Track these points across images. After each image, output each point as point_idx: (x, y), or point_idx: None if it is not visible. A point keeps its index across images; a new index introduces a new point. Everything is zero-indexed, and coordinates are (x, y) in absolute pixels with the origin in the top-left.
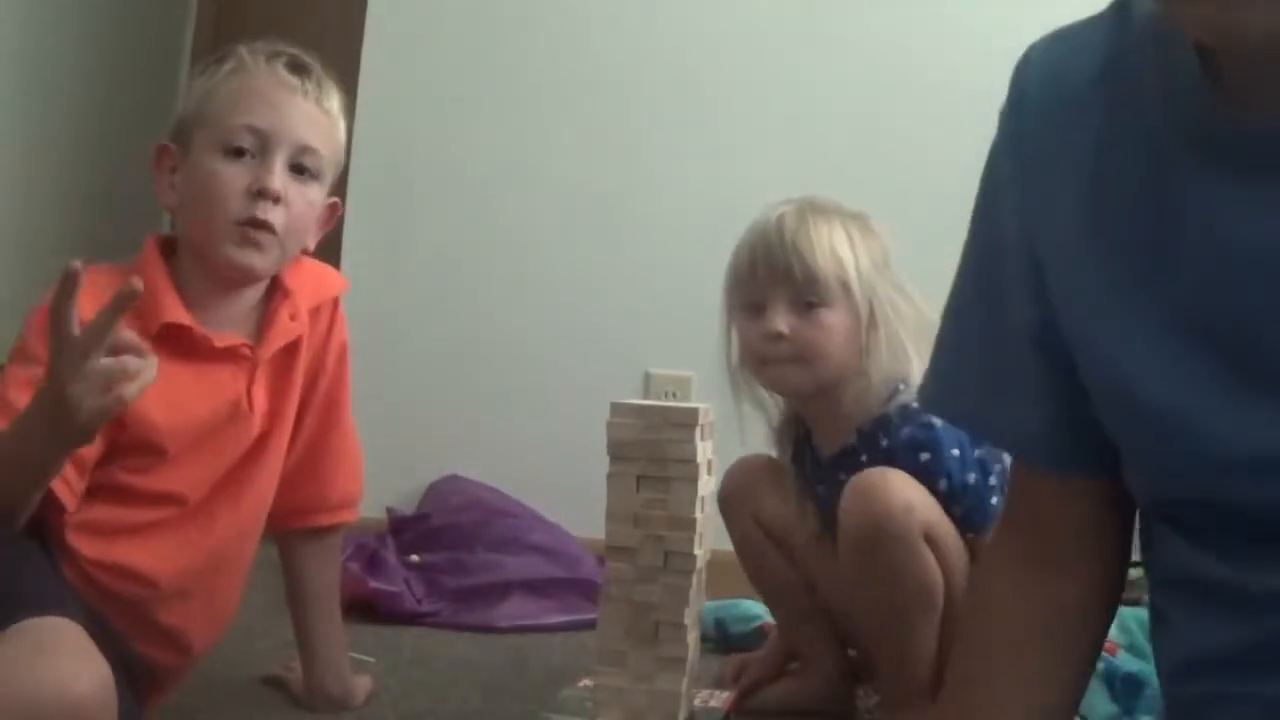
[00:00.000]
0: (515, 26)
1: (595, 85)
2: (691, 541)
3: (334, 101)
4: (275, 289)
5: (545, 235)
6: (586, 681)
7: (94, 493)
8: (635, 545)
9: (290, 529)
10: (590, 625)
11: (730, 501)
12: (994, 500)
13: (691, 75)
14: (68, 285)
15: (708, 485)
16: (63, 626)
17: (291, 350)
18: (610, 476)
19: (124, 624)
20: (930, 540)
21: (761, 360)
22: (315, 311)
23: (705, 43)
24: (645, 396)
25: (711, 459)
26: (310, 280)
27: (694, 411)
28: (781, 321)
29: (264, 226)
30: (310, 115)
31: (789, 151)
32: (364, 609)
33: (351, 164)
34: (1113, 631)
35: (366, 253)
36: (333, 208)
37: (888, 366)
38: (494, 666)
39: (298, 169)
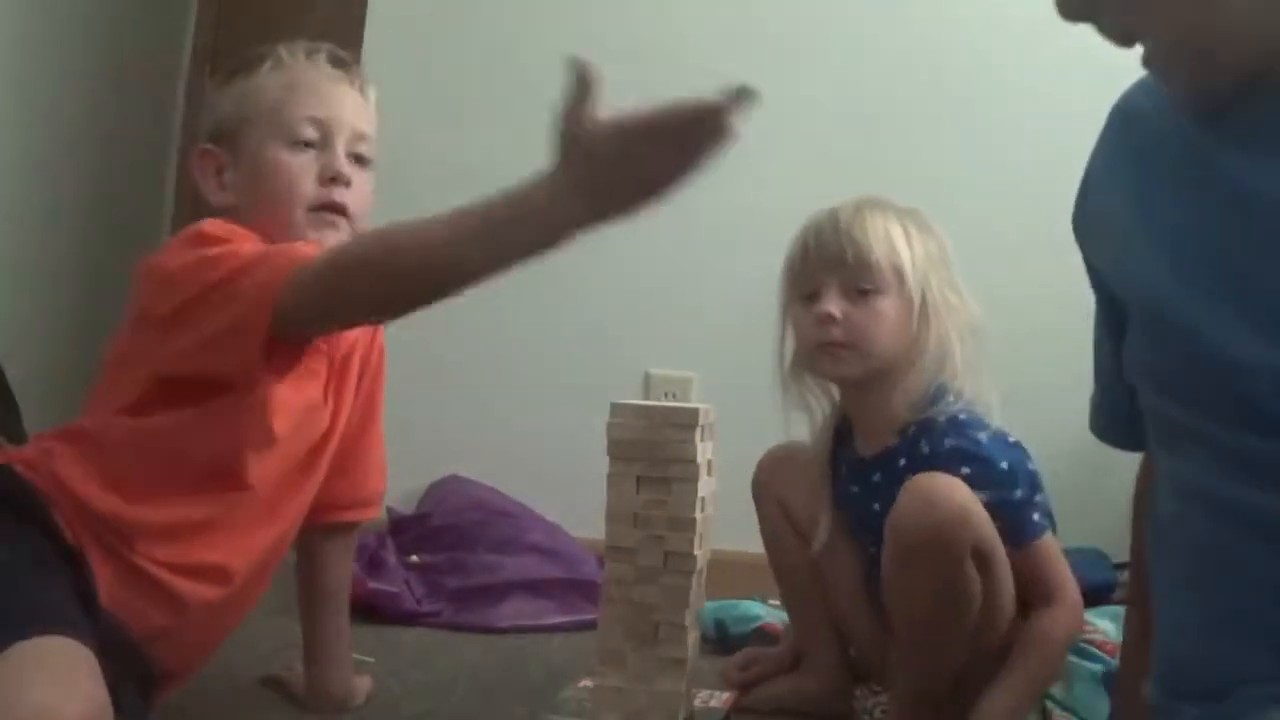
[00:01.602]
0: (515, 27)
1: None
2: (691, 542)
3: (370, 90)
4: None
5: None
6: (586, 682)
7: (166, 494)
8: (635, 546)
9: (314, 524)
10: (590, 626)
11: (760, 487)
12: (1035, 517)
13: (694, 73)
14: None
15: (708, 486)
16: (62, 648)
17: (350, 352)
18: (610, 477)
19: (161, 631)
20: (978, 555)
21: (814, 345)
22: None
23: (709, 42)
24: (645, 397)
25: (712, 459)
26: None
27: (694, 412)
28: (834, 305)
29: (339, 209)
30: (359, 104)
31: (792, 151)
32: (363, 609)
33: None
34: (1111, 631)
35: None
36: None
37: (936, 361)
38: (494, 667)
39: (355, 156)
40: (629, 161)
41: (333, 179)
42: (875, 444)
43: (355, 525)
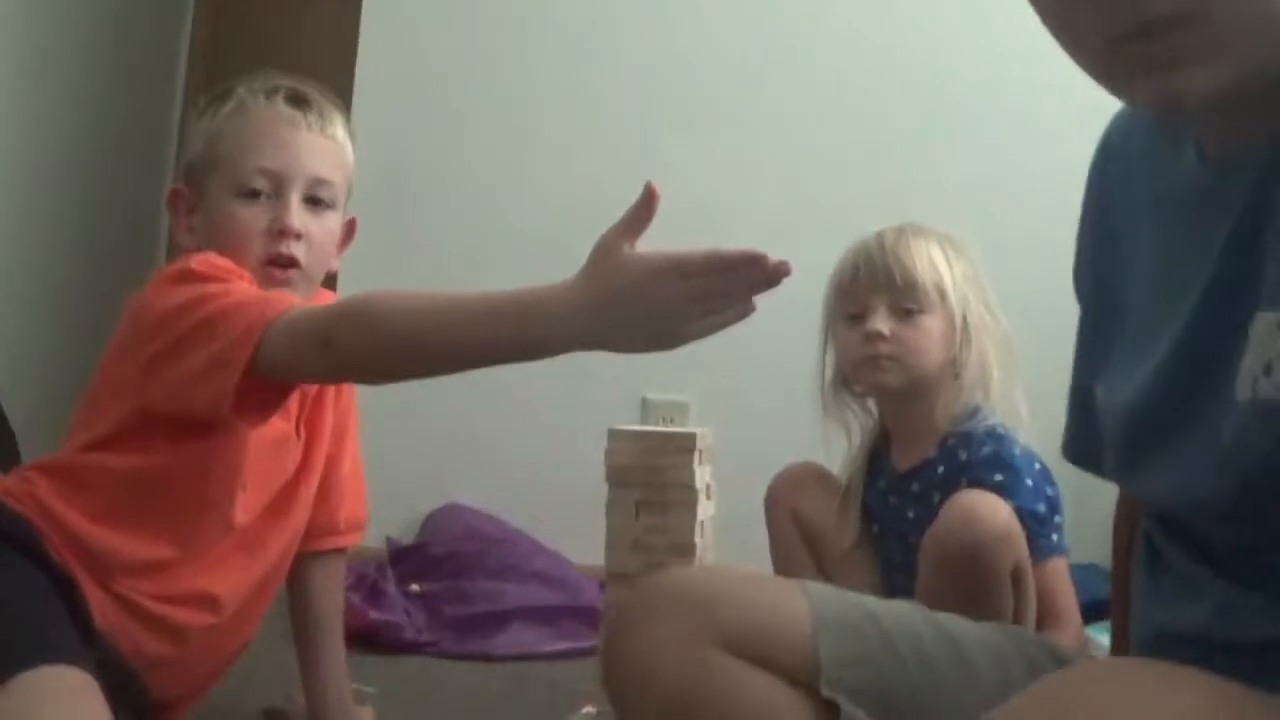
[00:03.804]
0: (511, 35)
1: (593, 95)
2: (691, 567)
3: (338, 127)
4: None
5: (542, 259)
6: (589, 708)
7: (149, 529)
8: (635, 571)
9: (299, 552)
10: (592, 652)
11: (774, 497)
12: (1054, 537)
13: (694, 81)
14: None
15: (707, 510)
16: (68, 678)
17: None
18: (609, 503)
19: (161, 660)
20: (1013, 574)
21: (861, 361)
22: None
23: (709, 49)
24: (643, 422)
25: (710, 484)
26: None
27: (691, 436)
28: (882, 323)
29: (289, 263)
30: (318, 146)
31: (788, 166)
32: (364, 639)
33: None
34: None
35: (362, 273)
36: (350, 225)
37: (975, 378)
38: (496, 695)
39: (313, 200)
40: (649, 298)
41: (280, 232)
42: (914, 456)
43: (339, 553)
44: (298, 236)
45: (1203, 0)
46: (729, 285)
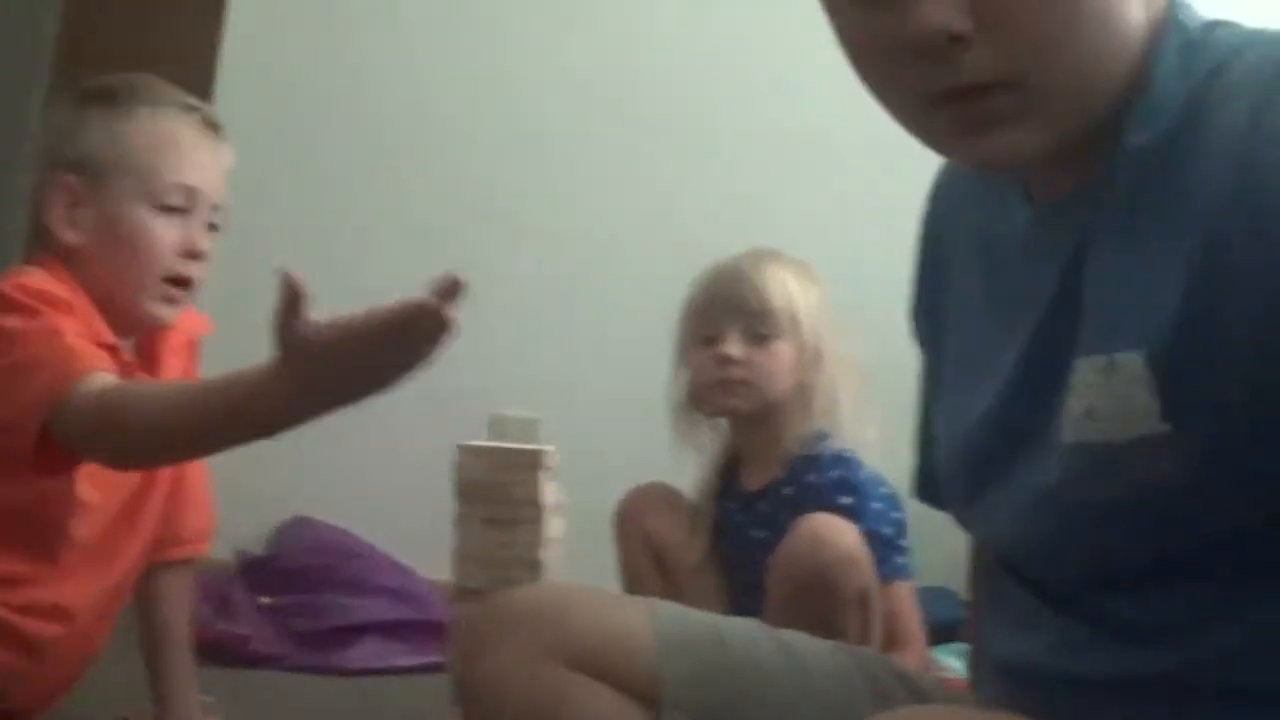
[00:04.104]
0: (363, 57)
1: (439, 120)
2: (540, 582)
3: (230, 156)
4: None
5: (390, 273)
6: None
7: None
8: (483, 586)
9: (147, 562)
10: (441, 667)
11: (624, 518)
12: (900, 560)
13: (536, 119)
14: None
15: (555, 527)
16: None
17: None
18: (457, 518)
19: (12, 672)
20: (859, 597)
21: (712, 384)
22: (179, 349)
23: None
24: (494, 439)
25: (559, 500)
26: (181, 320)
27: (539, 454)
28: (735, 347)
29: (188, 284)
30: (220, 173)
31: (642, 186)
32: (213, 651)
33: None
34: (959, 667)
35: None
36: None
37: (825, 404)
38: (345, 711)
39: (210, 225)
40: (349, 360)
41: (191, 253)
42: (762, 477)
43: (186, 563)
44: (202, 259)
45: (1018, 67)
46: (418, 327)
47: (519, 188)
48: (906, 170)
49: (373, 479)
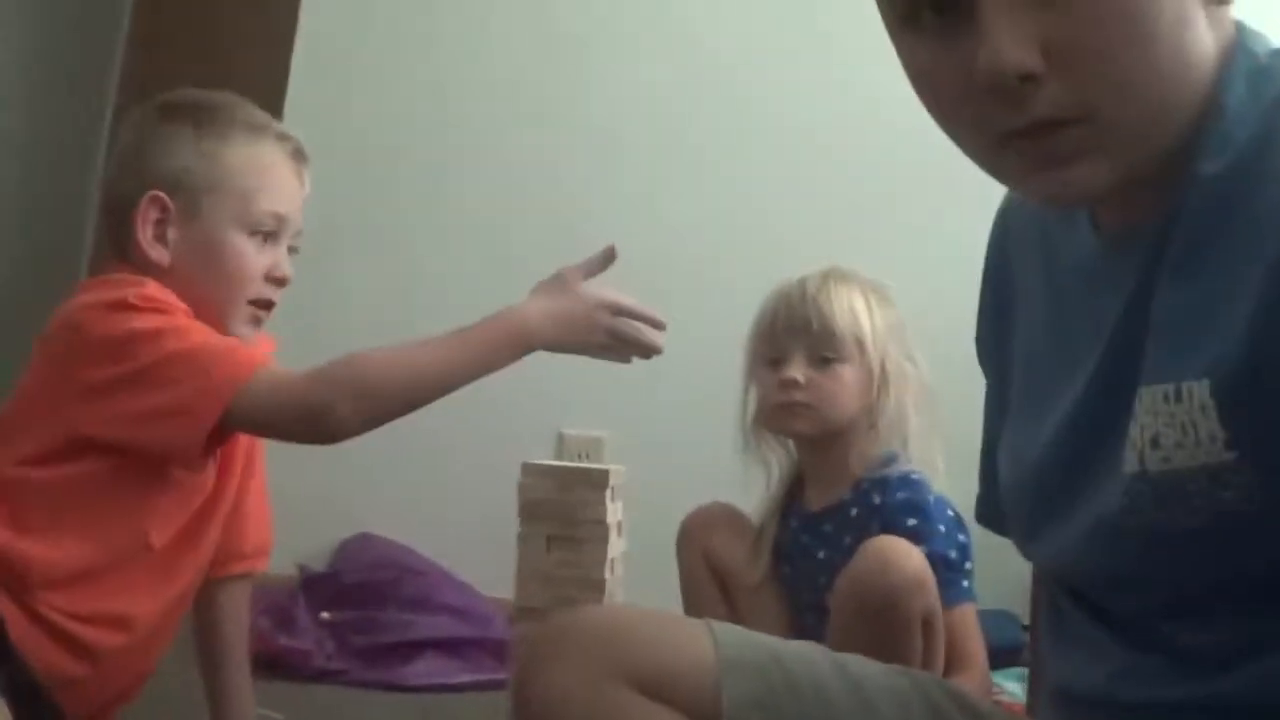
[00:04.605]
0: (439, 74)
1: (519, 140)
2: (601, 603)
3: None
4: None
5: (460, 294)
6: None
7: (68, 542)
8: (544, 605)
9: (205, 577)
10: (500, 685)
11: (686, 536)
12: (964, 584)
13: (619, 117)
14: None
15: (618, 547)
16: None
17: None
18: (521, 537)
19: (72, 680)
20: (924, 621)
21: (776, 406)
22: None
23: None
24: (558, 457)
25: (622, 520)
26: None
27: (605, 473)
28: (799, 370)
29: (271, 307)
30: (302, 201)
31: (718, 205)
32: (274, 666)
33: None
34: (1019, 692)
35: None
36: None
37: (892, 426)
38: None
39: (292, 249)
40: (589, 317)
41: (278, 279)
42: (827, 498)
43: (244, 578)
44: (285, 283)
45: (1088, 100)
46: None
47: (586, 205)
48: (979, 195)
49: (436, 496)
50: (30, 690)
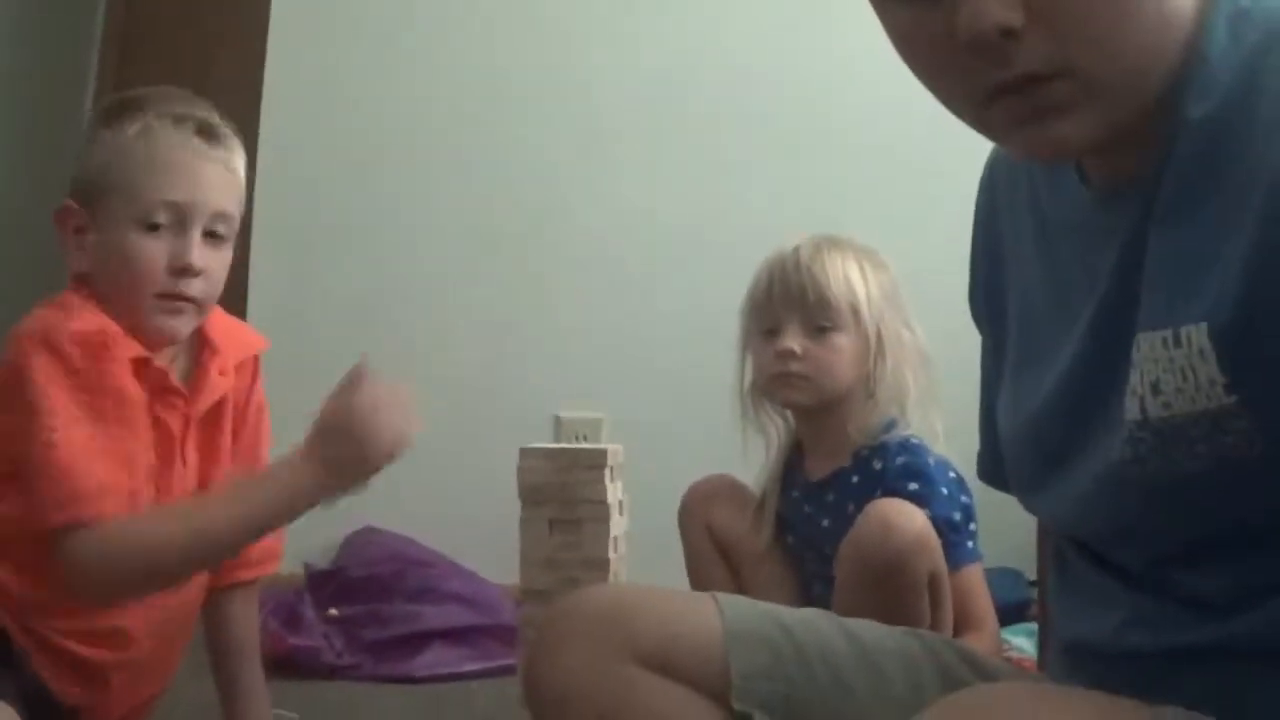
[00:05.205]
0: (419, 65)
1: (502, 126)
2: (606, 583)
3: (239, 159)
4: (201, 344)
5: (452, 279)
6: None
7: (43, 567)
8: (550, 588)
9: (213, 587)
10: (511, 671)
11: (688, 510)
12: (969, 544)
13: (601, 97)
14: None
15: (620, 526)
16: None
17: (219, 406)
18: (523, 521)
19: (85, 700)
20: (930, 582)
21: (773, 377)
22: (238, 367)
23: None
24: (556, 440)
25: (623, 499)
26: (234, 337)
27: (603, 453)
28: (794, 341)
29: (185, 299)
30: (222, 180)
31: (703, 177)
32: (284, 665)
33: (256, 209)
34: (1028, 647)
35: (272, 301)
36: None
37: (890, 393)
38: (417, 717)
39: (211, 234)
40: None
41: (181, 269)
42: (827, 466)
43: (252, 582)
44: (198, 274)
45: (1069, 55)
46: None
47: (579, 189)
48: (971, 158)
49: (437, 485)
50: (49, 712)
